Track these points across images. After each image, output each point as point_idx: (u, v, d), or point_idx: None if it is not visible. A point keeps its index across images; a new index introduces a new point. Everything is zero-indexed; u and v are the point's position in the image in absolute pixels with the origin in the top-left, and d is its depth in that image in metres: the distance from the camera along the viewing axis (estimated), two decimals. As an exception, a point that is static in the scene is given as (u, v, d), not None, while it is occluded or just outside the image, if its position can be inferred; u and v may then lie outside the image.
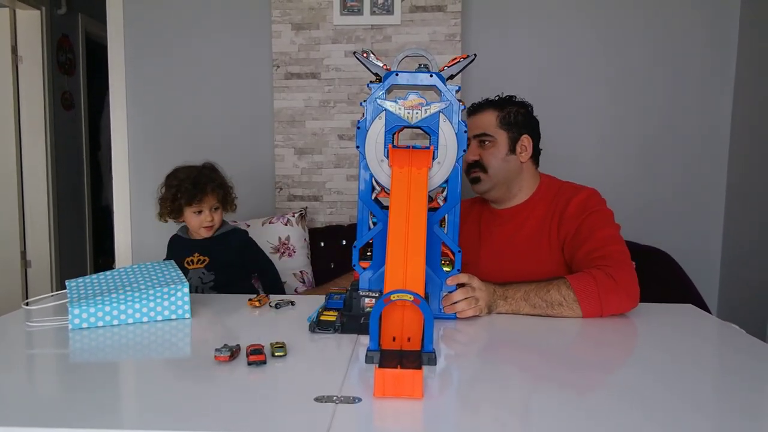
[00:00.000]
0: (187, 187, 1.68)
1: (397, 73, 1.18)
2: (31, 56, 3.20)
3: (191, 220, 1.71)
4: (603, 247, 1.34)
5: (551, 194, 1.51)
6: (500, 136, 1.50)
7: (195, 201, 1.68)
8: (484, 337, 1.16)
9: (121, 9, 2.45)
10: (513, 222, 1.53)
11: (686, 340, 1.15)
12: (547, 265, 1.44)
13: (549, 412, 0.79)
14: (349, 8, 2.34)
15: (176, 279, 1.26)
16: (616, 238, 1.38)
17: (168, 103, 2.48)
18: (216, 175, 1.75)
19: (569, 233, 1.43)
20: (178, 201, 1.69)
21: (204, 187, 1.70)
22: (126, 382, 0.94)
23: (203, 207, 1.69)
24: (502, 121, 1.51)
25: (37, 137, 3.24)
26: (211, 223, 1.72)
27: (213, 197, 1.71)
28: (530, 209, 1.52)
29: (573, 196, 1.46)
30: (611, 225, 1.42)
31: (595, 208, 1.43)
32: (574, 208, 1.44)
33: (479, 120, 1.53)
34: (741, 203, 2.29)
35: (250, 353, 0.94)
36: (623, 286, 1.25)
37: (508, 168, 1.51)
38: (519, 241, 1.50)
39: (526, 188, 1.54)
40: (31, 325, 1.16)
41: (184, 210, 1.70)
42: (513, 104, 1.54)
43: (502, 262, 1.49)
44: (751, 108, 2.24)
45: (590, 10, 2.35)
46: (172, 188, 1.71)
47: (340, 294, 1.24)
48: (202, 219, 1.70)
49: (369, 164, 1.20)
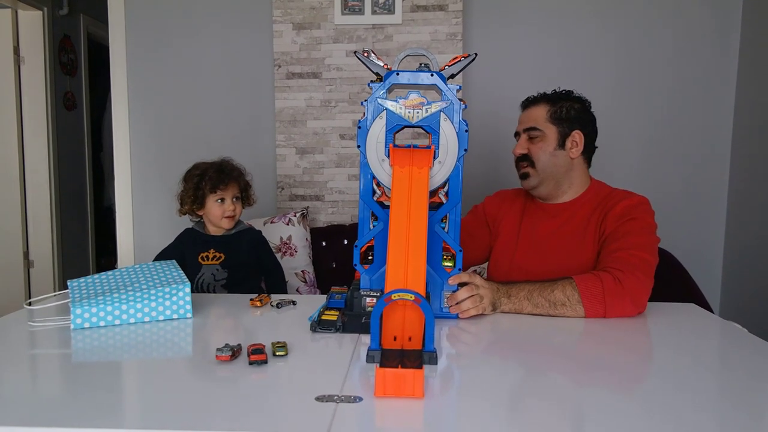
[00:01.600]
0: (211, 175, 1.69)
1: (397, 73, 1.18)
2: (33, 57, 3.20)
3: (214, 210, 1.70)
4: (626, 249, 1.31)
5: (601, 197, 1.48)
6: (549, 130, 1.47)
7: (219, 187, 1.68)
8: (486, 336, 1.16)
9: (123, 10, 2.45)
10: (558, 218, 1.50)
11: (688, 339, 1.14)
12: (586, 263, 1.41)
13: (550, 412, 0.79)
14: (351, 8, 2.34)
15: (178, 279, 1.26)
16: (647, 247, 1.33)
17: (170, 103, 2.49)
18: (237, 166, 1.77)
19: (607, 230, 1.40)
20: (201, 189, 1.69)
21: (228, 174, 1.71)
22: (128, 382, 0.94)
23: (226, 195, 1.70)
24: (553, 116, 1.48)
25: (40, 138, 3.25)
26: (233, 213, 1.71)
27: (236, 186, 1.72)
28: (577, 207, 1.49)
29: (623, 199, 1.43)
30: (649, 234, 1.37)
31: (640, 215, 1.39)
32: (620, 210, 1.40)
33: (530, 113, 1.51)
34: (743, 202, 2.28)
35: (252, 353, 0.94)
36: (629, 291, 1.24)
37: (557, 163, 1.47)
38: (561, 237, 1.47)
39: (576, 186, 1.50)
40: (34, 325, 1.17)
41: (206, 199, 1.69)
42: (567, 99, 1.50)
43: (540, 257, 1.47)
44: (753, 108, 2.23)
45: (591, 10, 2.34)
46: (195, 177, 1.71)
47: (342, 293, 1.24)
48: (225, 208, 1.70)
49: (370, 164, 1.20)
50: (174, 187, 1.76)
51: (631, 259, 1.29)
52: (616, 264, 1.29)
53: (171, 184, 2.48)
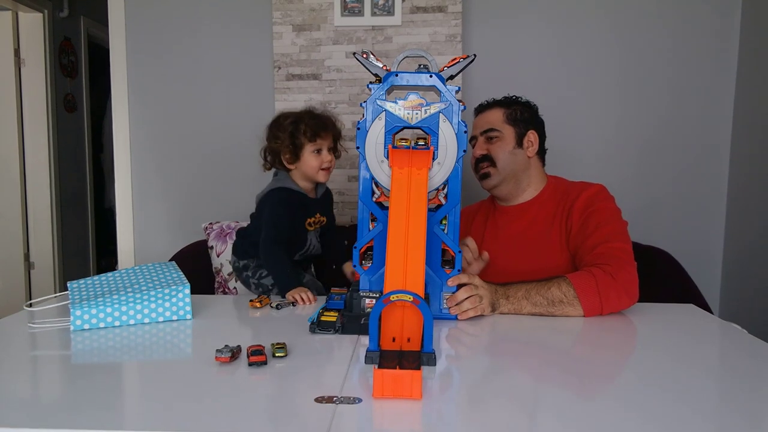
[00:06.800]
0: (308, 122, 1.51)
1: (396, 74, 1.19)
2: (33, 59, 3.21)
3: (311, 161, 1.51)
4: (605, 243, 1.35)
5: (560, 192, 1.53)
6: (507, 130, 1.54)
7: (320, 135, 1.50)
8: (485, 337, 1.16)
9: (123, 12, 2.46)
10: (521, 219, 1.54)
11: (688, 340, 1.15)
12: (556, 261, 1.45)
13: (549, 412, 0.79)
14: (350, 9, 2.34)
15: (177, 280, 1.26)
16: (621, 234, 1.39)
17: (170, 105, 2.49)
18: (328, 114, 1.59)
19: (574, 226, 1.44)
20: (299, 138, 1.50)
21: (326, 120, 1.54)
22: (127, 384, 0.94)
23: (324, 144, 1.52)
24: (509, 118, 1.55)
25: (40, 139, 3.25)
26: (330, 164, 1.54)
27: (331, 136, 1.54)
28: (539, 206, 1.54)
29: (582, 191, 1.49)
30: (617, 221, 1.43)
31: (602, 204, 1.45)
32: (582, 203, 1.46)
33: (486, 117, 1.57)
34: (743, 202, 2.28)
35: (251, 354, 0.95)
36: (622, 284, 1.27)
37: (516, 161, 1.53)
38: (528, 238, 1.51)
39: (534, 184, 1.56)
40: (34, 327, 1.17)
41: (304, 148, 1.50)
42: (519, 103, 1.58)
43: (509, 260, 1.49)
44: (753, 108, 2.23)
45: (591, 11, 2.35)
46: (290, 126, 1.51)
47: (341, 294, 1.24)
48: (323, 158, 1.52)
49: (369, 165, 1.20)
50: (174, 187, 1.75)
51: (613, 252, 1.33)
52: (601, 260, 1.31)
53: (171, 185, 2.50)
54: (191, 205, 2.47)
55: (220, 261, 2.00)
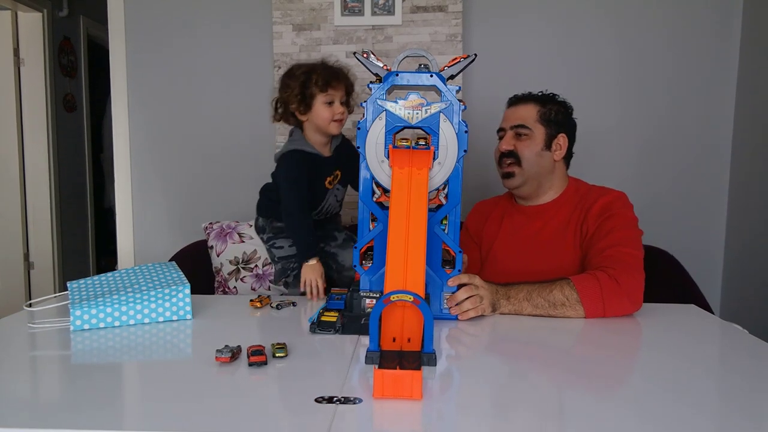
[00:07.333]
0: (321, 72, 1.48)
1: (397, 74, 1.18)
2: (32, 58, 3.21)
3: (322, 113, 1.49)
4: (614, 247, 1.33)
5: (579, 196, 1.51)
6: (538, 130, 1.49)
7: (332, 85, 1.47)
8: (485, 338, 1.16)
9: (122, 11, 2.45)
10: (539, 220, 1.52)
11: (688, 340, 1.14)
12: (568, 264, 1.43)
13: (549, 413, 0.79)
14: (350, 9, 2.34)
15: (177, 280, 1.26)
16: (633, 241, 1.36)
17: (169, 104, 2.49)
18: (342, 66, 1.56)
19: (589, 230, 1.42)
20: (309, 88, 1.47)
21: (338, 71, 1.51)
22: (127, 384, 0.94)
23: (336, 96, 1.49)
24: (542, 117, 1.49)
25: (40, 139, 3.25)
26: (342, 116, 1.51)
27: (343, 87, 1.51)
28: (557, 208, 1.51)
29: (600, 196, 1.46)
30: (632, 228, 1.40)
31: (620, 211, 1.41)
32: (599, 208, 1.43)
33: (519, 111, 1.52)
34: (744, 202, 2.28)
35: (251, 354, 0.94)
36: (626, 289, 1.25)
37: (542, 163, 1.49)
38: (543, 238, 1.49)
39: (555, 187, 1.53)
40: (33, 327, 1.17)
41: (315, 99, 1.48)
42: (555, 102, 1.53)
43: (521, 260, 1.48)
44: (753, 107, 2.23)
45: (591, 11, 2.34)
46: (301, 76, 1.49)
47: (341, 294, 1.24)
48: (334, 110, 1.49)
49: (369, 165, 1.20)
50: (174, 187, 1.75)
51: (622, 257, 1.31)
52: (608, 263, 1.30)
53: (171, 185, 2.50)
54: (191, 205, 2.46)
55: (220, 261, 2.00)
